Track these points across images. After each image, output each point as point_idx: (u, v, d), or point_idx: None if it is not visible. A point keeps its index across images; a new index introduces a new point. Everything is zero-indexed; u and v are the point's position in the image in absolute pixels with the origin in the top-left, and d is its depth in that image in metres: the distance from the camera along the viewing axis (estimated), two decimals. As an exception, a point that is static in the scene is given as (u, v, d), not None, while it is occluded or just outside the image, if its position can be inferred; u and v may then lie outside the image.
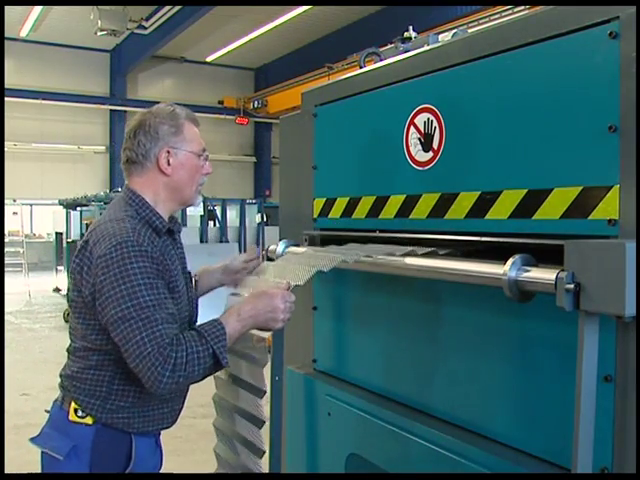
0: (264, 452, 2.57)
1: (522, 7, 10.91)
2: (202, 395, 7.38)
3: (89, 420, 2.11)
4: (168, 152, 2.16)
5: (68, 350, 2.22)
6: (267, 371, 2.61)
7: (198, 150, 2.24)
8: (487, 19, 11.90)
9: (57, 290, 15.73)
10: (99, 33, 16.87)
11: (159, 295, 2.00)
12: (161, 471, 2.45)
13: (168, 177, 2.19)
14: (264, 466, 2.63)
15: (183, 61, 23.40)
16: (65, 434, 2.12)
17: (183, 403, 2.34)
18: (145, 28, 18.08)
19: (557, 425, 1.80)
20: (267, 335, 2.47)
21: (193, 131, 2.25)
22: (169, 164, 2.17)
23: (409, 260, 2.05)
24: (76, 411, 2.12)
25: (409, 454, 2.26)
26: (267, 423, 2.61)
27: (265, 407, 2.57)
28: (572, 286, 1.52)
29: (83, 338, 2.12)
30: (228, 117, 23.62)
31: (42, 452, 2.18)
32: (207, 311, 2.52)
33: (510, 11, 11.64)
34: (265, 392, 2.52)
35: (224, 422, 2.81)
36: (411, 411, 2.32)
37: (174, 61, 23.26)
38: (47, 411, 2.28)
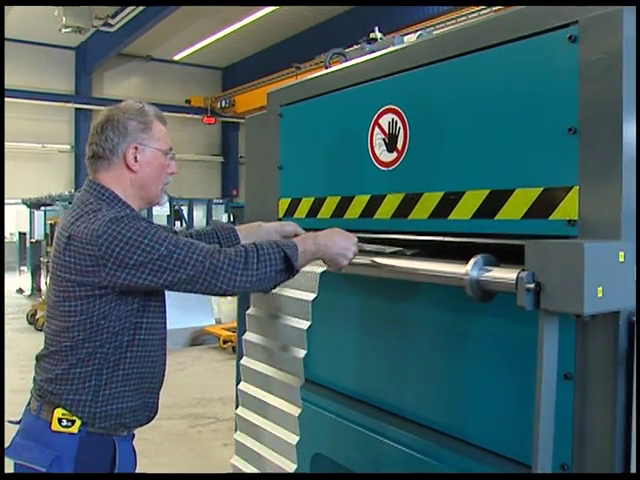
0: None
1: (488, 10, 11.03)
2: (168, 396, 7.33)
3: (74, 429, 2.06)
4: (136, 148, 2.14)
5: (42, 355, 2.17)
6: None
7: (165, 148, 2.23)
8: (454, 21, 12.00)
9: (20, 291, 15.47)
10: (64, 30, 16.60)
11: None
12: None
13: (135, 174, 2.16)
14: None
15: (150, 60, 23.18)
16: (45, 444, 2.06)
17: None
18: (111, 26, 17.85)
19: (519, 423, 1.83)
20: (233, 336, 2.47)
21: (161, 129, 2.23)
22: (136, 160, 2.15)
23: (374, 260, 2.06)
24: (60, 421, 2.06)
25: (374, 454, 2.27)
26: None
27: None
28: (532, 286, 1.54)
29: (67, 338, 2.07)
30: (195, 116, 23.46)
31: (16, 464, 2.11)
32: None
33: (477, 14, 11.75)
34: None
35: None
36: (377, 411, 2.33)
37: (140, 59, 23.03)
38: (12, 422, 2.22)
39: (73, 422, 2.07)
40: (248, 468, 2.63)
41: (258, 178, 3.03)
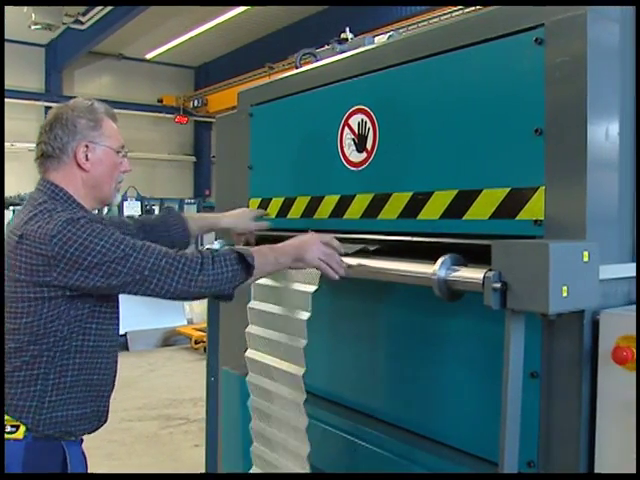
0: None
1: (459, 12, 11.10)
2: (139, 398, 7.29)
3: (19, 434, 1.99)
4: (86, 146, 2.10)
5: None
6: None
7: (117, 146, 2.19)
8: (426, 22, 12.05)
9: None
10: (33, 27, 16.37)
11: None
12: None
13: (86, 173, 2.12)
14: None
15: (121, 58, 22.91)
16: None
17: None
18: (82, 23, 17.62)
19: (488, 422, 1.84)
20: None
21: (112, 127, 2.19)
22: (87, 159, 2.11)
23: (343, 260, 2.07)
24: (3, 427, 2.00)
25: (346, 455, 2.28)
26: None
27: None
28: (499, 285, 1.55)
29: (12, 340, 2.01)
30: (167, 116, 23.25)
31: None
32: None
33: (449, 15, 11.82)
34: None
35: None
36: (348, 412, 2.34)
37: (112, 58, 22.76)
38: None
39: (17, 427, 2.00)
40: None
41: (228, 178, 3.02)
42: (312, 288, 2.09)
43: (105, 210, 11.01)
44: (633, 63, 1.75)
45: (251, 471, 2.44)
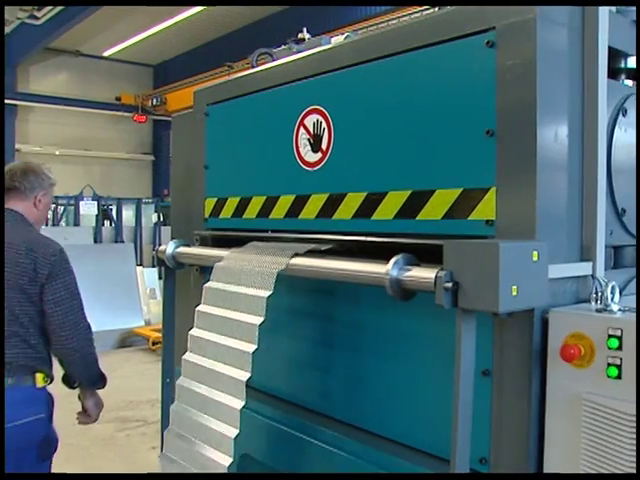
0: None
1: (419, 14, 11.19)
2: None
3: (47, 383, 2.87)
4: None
5: (14, 336, 2.75)
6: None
7: None
8: (386, 24, 12.13)
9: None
10: (-14, 21, 16.00)
11: None
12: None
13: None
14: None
15: (78, 55, 22.54)
16: (34, 400, 2.81)
17: None
18: (37, 18, 17.27)
19: (443, 420, 1.86)
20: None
21: None
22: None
23: (294, 260, 2.06)
24: (41, 379, 2.82)
25: (302, 455, 2.28)
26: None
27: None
28: (450, 285, 1.57)
29: (30, 323, 2.78)
30: (126, 114, 22.96)
31: (17, 425, 2.68)
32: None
33: (408, 17, 11.91)
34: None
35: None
36: (304, 412, 2.34)
37: (69, 54, 22.38)
38: None
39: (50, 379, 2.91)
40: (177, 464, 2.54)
41: (184, 177, 3.00)
42: (267, 293, 2.06)
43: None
44: (581, 67, 1.79)
45: (161, 455, 2.36)
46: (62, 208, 14.13)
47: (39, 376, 2.81)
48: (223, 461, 2.05)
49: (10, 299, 2.74)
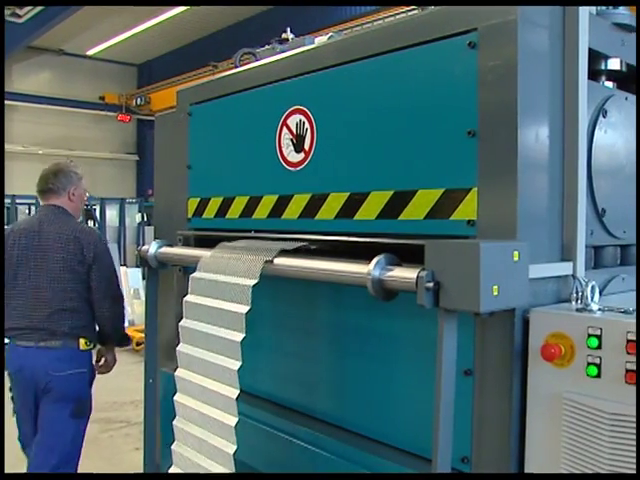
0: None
1: (404, 15, 11.20)
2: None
3: (89, 347, 3.49)
4: None
5: (63, 309, 3.37)
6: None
7: None
8: (370, 24, 12.14)
9: None
10: (-33, 19, 15.84)
11: None
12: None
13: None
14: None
15: (62, 54, 22.37)
16: (77, 358, 3.41)
17: None
18: (19, 16, 17.11)
19: (424, 419, 1.86)
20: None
21: None
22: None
23: (278, 260, 2.06)
24: (84, 343, 3.42)
25: (284, 455, 2.27)
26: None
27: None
28: (431, 285, 1.57)
29: (79, 296, 3.42)
30: (109, 114, 22.81)
31: (62, 376, 3.32)
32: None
33: (393, 17, 11.93)
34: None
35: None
36: (286, 412, 2.34)
37: (52, 53, 22.19)
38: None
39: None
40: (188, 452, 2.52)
41: (167, 177, 2.99)
42: (252, 282, 2.06)
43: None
44: (562, 68, 1.80)
45: (170, 470, 2.37)
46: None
47: (82, 341, 3.42)
48: (228, 449, 2.08)
49: (64, 279, 3.39)
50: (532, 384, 1.68)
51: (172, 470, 2.35)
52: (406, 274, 1.67)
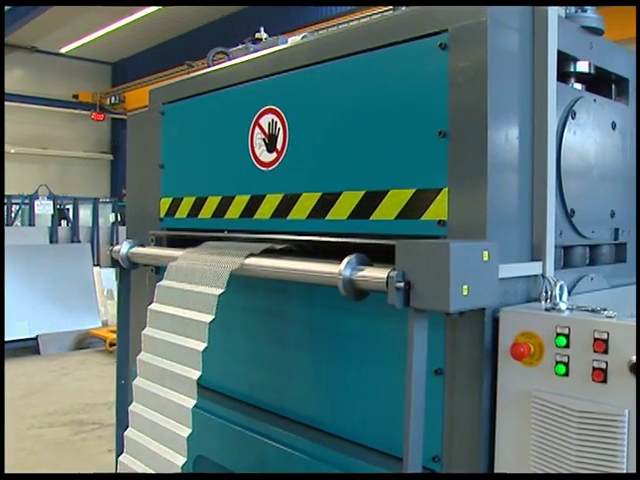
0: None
1: (380, 15, 11.22)
2: (50, 403, 7.03)
3: None
4: None
5: None
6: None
7: None
8: (346, 25, 12.14)
9: None
10: (-64, 15, 15.58)
11: None
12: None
13: None
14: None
15: (34, 51, 22.10)
16: None
17: None
18: (-10, 14, 16.91)
19: (395, 418, 1.87)
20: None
21: None
22: None
23: (249, 260, 2.05)
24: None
25: (257, 455, 2.27)
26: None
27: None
28: (402, 284, 1.58)
29: None
30: (83, 112, 22.58)
31: None
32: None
33: (369, 17, 11.96)
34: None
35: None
36: (259, 412, 2.33)
37: (24, 51, 21.92)
38: None
39: None
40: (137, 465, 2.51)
41: (139, 177, 2.97)
42: (218, 291, 2.05)
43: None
44: (531, 70, 1.82)
45: (121, 457, 2.34)
46: (17, 207, 13.85)
47: None
48: (177, 461, 2.03)
49: None
50: (502, 383, 1.69)
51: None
52: (377, 274, 1.68)
